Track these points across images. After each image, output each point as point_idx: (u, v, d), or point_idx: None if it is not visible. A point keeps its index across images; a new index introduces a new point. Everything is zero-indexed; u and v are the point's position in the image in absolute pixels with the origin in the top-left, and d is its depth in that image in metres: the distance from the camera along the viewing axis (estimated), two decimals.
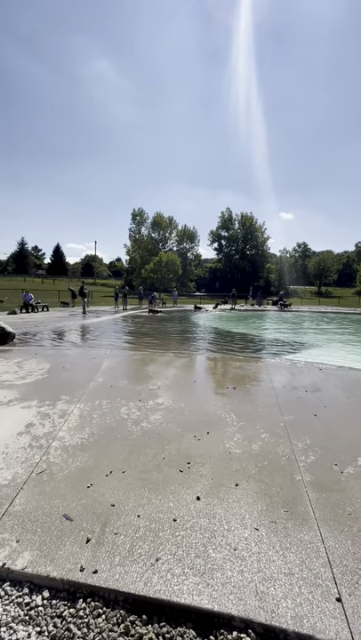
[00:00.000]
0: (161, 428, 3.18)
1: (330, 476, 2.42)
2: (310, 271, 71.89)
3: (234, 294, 30.37)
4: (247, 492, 2.20)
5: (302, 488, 2.25)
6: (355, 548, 1.72)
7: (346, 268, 74.67)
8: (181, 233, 63.07)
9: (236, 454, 2.71)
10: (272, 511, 2.01)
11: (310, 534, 1.82)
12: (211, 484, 2.27)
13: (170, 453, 2.70)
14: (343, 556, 1.66)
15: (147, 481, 2.28)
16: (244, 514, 1.97)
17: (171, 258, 49.75)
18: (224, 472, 2.43)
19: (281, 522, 1.91)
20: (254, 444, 2.91)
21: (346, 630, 1.29)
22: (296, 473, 2.45)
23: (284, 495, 2.17)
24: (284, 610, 1.37)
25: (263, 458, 2.67)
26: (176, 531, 1.81)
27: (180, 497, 2.11)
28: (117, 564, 1.59)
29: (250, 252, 66.95)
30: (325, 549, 1.70)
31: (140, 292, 29.84)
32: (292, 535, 1.80)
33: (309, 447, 2.87)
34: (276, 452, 2.78)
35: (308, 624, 1.31)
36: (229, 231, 68.14)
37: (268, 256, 70.07)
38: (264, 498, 2.14)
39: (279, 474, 2.43)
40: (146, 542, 1.71)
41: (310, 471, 2.48)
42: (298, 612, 1.36)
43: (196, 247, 64.69)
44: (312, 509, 2.03)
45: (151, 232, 60.97)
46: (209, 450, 2.77)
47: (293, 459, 2.66)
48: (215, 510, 1.99)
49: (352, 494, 2.20)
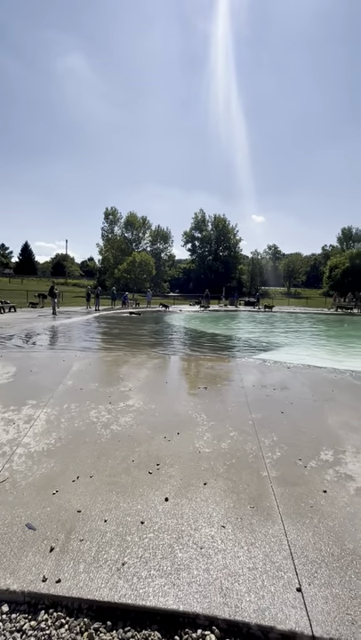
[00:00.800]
0: (131, 431, 3.15)
1: (294, 470, 2.51)
2: (281, 272, 74.29)
3: (207, 295, 30.75)
4: (215, 490, 2.23)
5: (268, 484, 2.32)
6: (315, 538, 1.80)
7: (313, 269, 77.86)
8: (155, 233, 62.82)
9: (205, 453, 2.74)
10: (239, 508, 2.05)
11: (274, 528, 1.88)
12: (179, 485, 2.28)
13: (139, 455, 2.68)
14: (304, 548, 1.73)
15: (115, 484, 2.25)
16: (212, 512, 2.00)
17: (144, 258, 49.36)
18: (193, 472, 2.45)
19: (247, 518, 1.96)
20: (223, 442, 2.96)
21: (305, 618, 1.35)
22: (263, 469, 2.52)
23: (251, 491, 2.23)
24: (247, 604, 1.40)
25: (232, 456, 2.72)
26: (143, 533, 1.80)
27: (148, 499, 2.10)
28: (82, 571, 1.55)
29: (223, 254, 68.00)
30: (288, 542, 1.76)
31: (113, 293, 29.39)
32: (257, 530, 1.85)
33: (276, 444, 2.97)
34: (245, 449, 2.85)
35: (269, 616, 1.35)
36: (203, 232, 68.83)
37: (240, 257, 71.54)
38: (231, 495, 2.18)
39: (247, 471, 2.49)
40: (112, 547, 1.69)
41: (276, 467, 2.56)
42: (260, 605, 1.40)
43: (169, 248, 64.71)
44: (277, 504, 2.09)
45: (124, 232, 60.24)
46: (179, 450, 2.78)
47: (261, 455, 2.74)
48: (183, 510, 2.00)
49: (314, 487, 2.29)
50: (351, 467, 2.60)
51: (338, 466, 2.61)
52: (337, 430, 3.30)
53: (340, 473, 2.50)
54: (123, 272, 48.80)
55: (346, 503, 2.13)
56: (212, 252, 68.23)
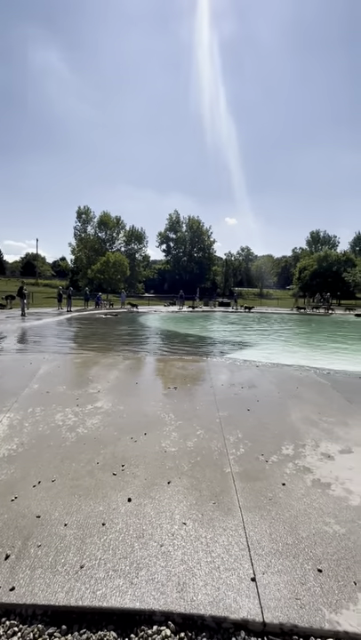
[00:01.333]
0: (97, 433, 3.12)
1: (256, 466, 2.60)
2: (253, 274, 76.18)
3: (182, 296, 30.91)
4: (179, 488, 2.26)
5: (230, 480, 2.38)
6: (271, 529, 1.88)
7: (284, 271, 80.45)
8: (129, 233, 62.27)
9: (171, 453, 2.77)
10: (201, 504, 2.09)
11: (234, 522, 1.93)
12: (143, 484, 2.28)
13: (105, 457, 2.66)
14: (260, 539, 1.79)
15: (78, 488, 2.22)
16: (174, 510, 2.02)
17: (118, 258, 48.76)
18: (158, 471, 2.47)
19: (208, 514, 2.00)
20: (190, 441, 3.00)
21: (257, 606, 1.40)
22: (226, 466, 2.58)
23: (214, 488, 2.28)
24: (203, 597, 1.44)
25: (197, 454, 2.77)
26: (104, 535, 1.79)
27: (111, 500, 2.09)
28: (38, 577, 1.52)
29: (197, 255, 68.70)
30: (246, 534, 1.83)
31: (87, 294, 28.79)
32: (217, 525, 1.90)
33: (240, 440, 3.05)
34: (210, 447, 2.90)
35: (223, 606, 1.40)
36: (177, 233, 69.19)
37: (214, 259, 72.61)
38: (194, 492, 2.22)
39: (210, 468, 2.54)
40: (71, 551, 1.67)
41: (239, 463, 2.63)
42: (215, 597, 1.44)
43: (144, 248, 64.42)
44: (237, 499, 2.16)
45: (98, 231, 59.22)
46: (145, 450, 2.79)
47: (225, 452, 2.80)
48: (145, 510, 2.01)
49: (273, 481, 2.38)
50: (310, 459, 2.72)
51: (297, 459, 2.72)
52: (299, 425, 3.44)
53: (298, 466, 2.61)
54: (96, 272, 47.95)
55: (302, 494, 2.24)
56: (186, 253, 68.72)
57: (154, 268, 71.68)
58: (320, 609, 1.40)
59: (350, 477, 2.46)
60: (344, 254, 53.66)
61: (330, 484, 2.36)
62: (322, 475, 2.49)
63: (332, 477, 2.46)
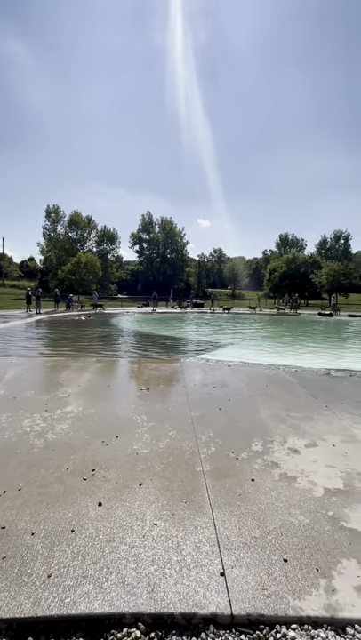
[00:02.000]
0: (67, 438, 3.05)
1: (226, 463, 2.65)
2: (225, 275, 77.52)
3: (155, 297, 30.82)
4: (150, 489, 2.26)
5: (202, 478, 2.42)
6: (240, 524, 1.93)
7: (255, 272, 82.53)
8: (101, 234, 61.12)
9: (143, 454, 2.76)
10: (172, 504, 2.11)
11: (204, 520, 1.97)
12: (115, 488, 2.26)
13: (75, 463, 2.60)
14: (230, 534, 1.84)
15: (46, 495, 2.16)
16: (146, 511, 2.02)
17: (90, 259, 47.63)
18: (129, 474, 2.46)
19: (179, 513, 2.02)
20: (162, 442, 3.01)
21: (226, 600, 1.44)
22: (197, 465, 2.62)
23: (185, 487, 2.30)
24: (173, 595, 1.45)
25: (169, 454, 2.78)
26: (73, 541, 1.76)
27: (80, 506, 2.06)
28: (2, 590, 1.47)
29: (170, 256, 68.78)
30: (216, 531, 1.87)
31: (57, 295, 27.93)
32: (188, 524, 1.92)
33: (212, 439, 3.10)
34: (182, 447, 2.93)
35: (193, 603, 1.42)
36: (150, 234, 68.91)
37: (187, 260, 73.05)
38: (166, 493, 2.23)
39: (182, 468, 2.57)
40: (38, 561, 1.62)
41: (210, 461, 2.68)
42: (185, 594, 1.46)
43: (117, 249, 63.47)
44: (208, 496, 2.20)
45: (68, 231, 57.58)
46: (116, 453, 2.76)
47: (197, 452, 2.84)
48: (116, 513, 1.99)
49: (243, 477, 2.45)
50: (277, 455, 2.82)
51: (266, 455, 2.82)
52: (268, 422, 3.56)
53: (267, 461, 2.70)
54: (67, 273, 46.61)
55: (270, 488, 2.32)
56: (159, 254, 68.63)
57: (127, 269, 70.89)
58: (285, 597, 1.47)
59: (315, 470, 2.58)
60: (311, 257, 56.04)
61: (296, 478, 2.47)
62: (289, 469, 2.60)
63: (298, 471, 2.57)
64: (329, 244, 67.10)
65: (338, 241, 66.06)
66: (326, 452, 2.90)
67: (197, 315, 27.07)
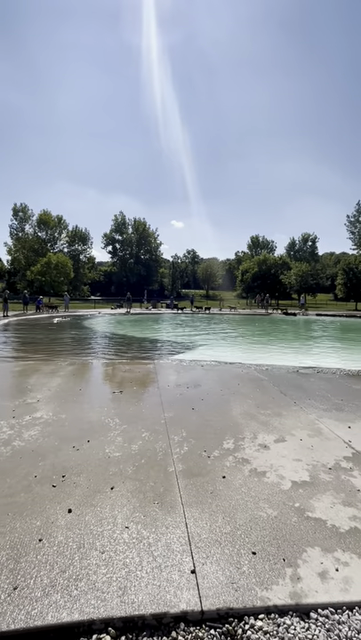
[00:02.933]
0: (36, 445, 2.95)
1: (199, 462, 2.69)
2: (199, 276, 78.32)
3: (129, 298, 30.52)
4: (122, 492, 2.24)
5: (174, 478, 2.43)
6: (211, 521, 1.96)
7: (229, 273, 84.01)
8: (73, 234, 59.64)
9: (115, 458, 2.73)
10: (144, 506, 2.10)
11: (177, 519, 1.98)
12: (85, 493, 2.22)
13: (43, 470, 2.52)
14: (201, 532, 1.87)
15: (11, 505, 2.08)
16: (117, 515, 2.00)
17: (61, 260, 46.25)
18: (101, 478, 2.42)
19: (151, 514, 2.02)
20: (134, 444, 2.99)
21: (196, 597, 1.46)
22: (170, 465, 2.63)
23: (157, 488, 2.31)
24: (144, 596, 1.45)
25: (142, 456, 2.77)
26: (41, 551, 1.70)
27: (49, 514, 2.00)
28: None
29: (144, 257, 68.43)
30: (187, 530, 1.88)
31: (26, 297, 26.87)
32: (160, 524, 1.93)
33: (185, 439, 3.12)
34: (155, 448, 2.92)
35: (163, 602, 1.43)
36: (123, 235, 68.20)
37: (161, 261, 73.02)
38: (138, 495, 2.22)
39: (155, 469, 2.57)
40: (3, 574, 1.56)
41: (183, 461, 2.70)
42: (156, 595, 1.46)
43: (89, 249, 62.22)
44: (180, 496, 2.21)
45: (37, 231, 55.66)
46: (87, 458, 2.71)
47: (169, 452, 2.85)
48: (87, 519, 1.96)
49: (215, 475, 2.49)
50: (248, 451, 2.90)
51: (237, 452, 2.88)
52: (240, 420, 3.64)
53: (238, 458, 2.76)
54: (36, 274, 45.03)
55: (241, 484, 2.37)
56: (133, 255, 68.07)
57: (100, 270, 69.70)
58: (253, 588, 1.51)
59: (283, 464, 2.68)
60: (281, 258, 57.86)
61: (265, 473, 2.54)
62: (259, 464, 2.67)
63: (268, 466, 2.65)
64: (297, 245, 69.67)
65: (306, 243, 68.76)
66: (294, 446, 3.02)
67: (171, 315, 27.11)
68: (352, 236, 63.47)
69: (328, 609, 1.44)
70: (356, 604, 1.46)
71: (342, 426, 3.51)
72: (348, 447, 3.02)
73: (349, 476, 2.53)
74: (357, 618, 1.41)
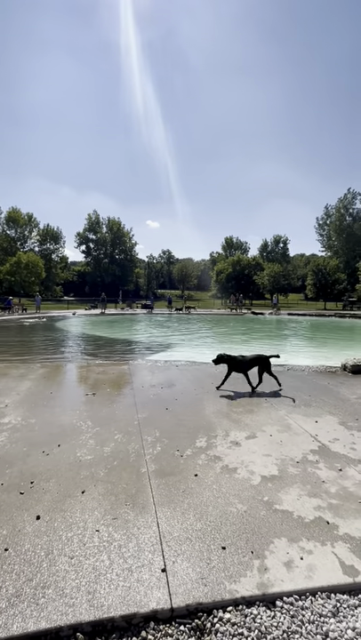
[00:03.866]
0: (3, 451, 2.84)
1: (171, 461, 2.70)
2: (175, 277, 78.53)
3: (103, 298, 30.02)
4: (93, 496, 2.21)
5: (146, 479, 2.43)
6: (183, 519, 1.98)
7: (203, 274, 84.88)
8: (44, 232, 57.79)
9: (86, 461, 2.69)
10: (116, 508, 2.09)
11: (148, 520, 1.98)
12: (55, 499, 2.17)
13: (11, 477, 2.44)
14: (172, 530, 1.88)
15: None
16: (87, 519, 1.97)
17: (32, 259, 44.63)
18: (71, 482, 2.37)
19: (123, 516, 2.01)
20: (107, 446, 2.96)
21: (166, 595, 1.47)
22: (143, 466, 2.62)
23: (129, 490, 2.30)
24: (114, 599, 1.45)
25: (114, 458, 2.74)
26: (7, 560, 1.65)
27: (16, 522, 1.94)
28: None
29: (119, 257, 67.57)
30: (159, 529, 1.89)
31: None
32: (131, 525, 1.92)
33: (158, 439, 3.13)
34: (127, 449, 2.91)
35: (133, 603, 1.43)
36: (97, 234, 67.00)
37: (136, 261, 72.41)
38: (110, 497, 2.20)
39: (127, 470, 2.55)
40: None
41: (155, 461, 2.70)
42: (126, 596, 1.46)
43: (61, 249, 60.54)
44: (152, 496, 2.22)
45: (6, 229, 53.46)
46: (58, 463, 2.65)
47: (142, 453, 2.84)
48: (56, 525, 1.92)
49: (187, 473, 2.52)
50: (220, 449, 2.95)
51: (209, 450, 2.92)
52: (213, 419, 3.69)
53: (210, 456, 2.81)
54: (5, 274, 43.20)
55: (212, 481, 2.41)
56: (107, 255, 67.03)
57: (73, 270, 68.03)
58: (222, 582, 1.55)
59: (253, 460, 2.75)
60: (254, 259, 59.27)
61: (236, 469, 2.60)
62: (230, 461, 2.73)
63: (239, 462, 2.71)
64: (270, 247, 71.56)
65: (277, 244, 70.77)
66: (264, 442, 3.11)
67: (145, 316, 26.97)
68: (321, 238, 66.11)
69: (293, 596, 1.50)
70: (319, 589, 1.54)
71: (310, 421, 3.65)
72: (314, 441, 3.15)
73: (315, 468, 2.65)
74: (319, 603, 1.48)
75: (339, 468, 2.66)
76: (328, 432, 3.35)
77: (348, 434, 3.33)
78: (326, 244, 65.61)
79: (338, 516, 2.05)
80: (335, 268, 48.44)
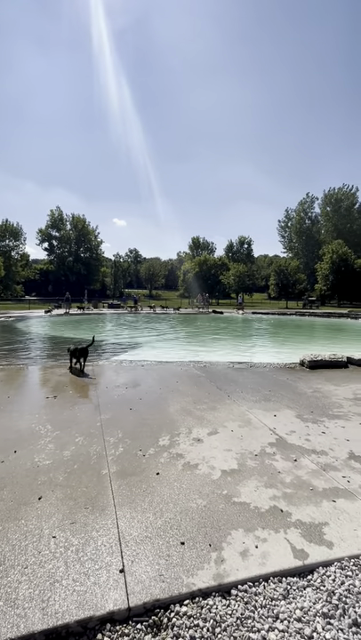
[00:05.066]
0: None
1: (133, 462, 2.69)
2: (142, 276, 77.93)
3: (68, 298, 29.03)
4: (51, 502, 2.14)
5: (107, 481, 2.40)
6: (143, 518, 1.98)
7: (171, 273, 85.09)
8: (2, 228, 54.67)
9: (44, 466, 2.59)
10: (75, 512, 2.04)
11: (108, 521, 1.96)
12: (9, 507, 2.07)
13: None
14: (132, 530, 1.88)
15: None
16: (43, 526, 1.91)
17: None
18: (28, 489, 2.28)
19: (82, 520, 1.97)
20: (67, 450, 2.88)
21: (123, 595, 1.47)
22: (104, 468, 2.58)
23: (90, 492, 2.25)
24: (69, 605, 1.42)
25: (74, 462, 2.68)
26: None
27: None
28: None
29: (84, 255, 65.68)
30: (118, 530, 1.88)
31: None
32: (90, 528, 1.89)
33: (121, 440, 3.10)
34: (89, 452, 2.85)
35: (90, 607, 1.41)
36: (61, 231, 64.62)
37: (102, 260, 70.81)
38: (69, 502, 2.15)
39: (87, 473, 2.50)
40: None
41: (117, 462, 2.67)
42: (82, 601, 1.43)
43: (22, 246, 57.62)
44: (113, 498, 2.19)
45: None
46: (13, 470, 2.53)
47: (104, 455, 2.80)
48: (9, 535, 1.83)
49: (149, 472, 2.52)
50: (182, 446, 2.99)
51: (172, 448, 2.95)
52: (176, 417, 3.72)
53: (172, 454, 2.83)
54: None
55: (174, 479, 2.44)
56: (72, 253, 64.89)
57: (35, 269, 65.00)
58: (180, 577, 1.57)
59: (214, 455, 2.82)
60: (220, 259, 60.44)
61: (197, 465, 2.65)
62: (192, 458, 2.77)
63: (200, 458, 2.76)
64: (235, 247, 73.34)
65: (242, 245, 72.71)
66: (226, 437, 3.19)
67: (115, 315, 26.50)
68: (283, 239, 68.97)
69: (247, 584, 1.56)
70: (272, 574, 1.62)
71: (269, 415, 3.81)
72: (272, 434, 3.29)
73: (272, 460, 2.77)
74: (271, 587, 1.55)
75: (294, 458, 2.80)
76: (285, 425, 3.52)
77: (303, 426, 3.51)
78: (288, 245, 68.61)
79: (291, 504, 2.17)
80: (296, 268, 50.78)
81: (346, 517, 2.05)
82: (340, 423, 3.61)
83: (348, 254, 45.80)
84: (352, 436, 3.26)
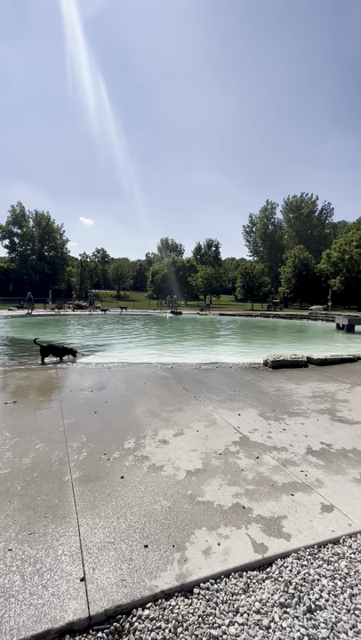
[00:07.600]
0: None
1: (97, 466, 2.63)
2: (110, 276, 76.54)
3: (30, 298, 27.74)
4: (7, 513, 2.04)
5: (69, 487, 2.33)
6: (106, 523, 1.95)
7: (139, 274, 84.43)
8: None
9: (1, 476, 2.46)
10: (33, 523, 1.95)
11: (69, 529, 1.90)
12: None
13: None
14: (94, 537, 1.83)
15: None
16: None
17: None
18: None
19: (41, 530, 1.89)
20: (26, 457, 2.75)
21: (84, 604, 1.43)
22: (66, 474, 2.50)
23: (50, 501, 2.17)
24: (25, 619, 1.35)
25: (34, 469, 2.56)
26: None
27: None
28: None
29: (49, 254, 63.18)
30: (80, 537, 1.83)
31: None
32: (50, 538, 1.82)
33: (84, 445, 3.01)
34: (50, 458, 2.74)
35: (48, 619, 1.36)
36: (23, 229, 61.70)
37: (68, 259, 68.56)
38: (27, 512, 2.05)
39: (48, 481, 2.41)
40: None
41: (80, 468, 2.60)
42: (39, 615, 1.38)
43: None
44: (75, 504, 2.13)
45: None
46: None
47: (66, 460, 2.71)
48: None
49: (113, 477, 2.48)
50: (148, 448, 2.97)
51: (137, 450, 2.92)
52: (142, 419, 3.70)
53: (138, 456, 2.81)
54: None
55: (139, 482, 2.42)
56: (35, 252, 62.15)
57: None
58: (142, 580, 1.56)
59: (180, 456, 2.83)
60: (188, 261, 61.01)
61: (163, 466, 2.65)
62: (157, 459, 2.77)
63: (166, 459, 2.77)
64: (203, 250, 74.48)
65: (210, 248, 73.99)
66: (191, 438, 3.22)
67: (78, 317, 25.75)
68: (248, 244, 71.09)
69: (209, 581, 1.59)
70: (233, 570, 1.66)
71: (234, 414, 3.91)
72: (236, 433, 3.38)
73: (236, 458, 2.84)
74: (232, 582, 1.59)
75: (256, 455, 2.89)
76: (249, 423, 3.62)
77: (265, 424, 3.64)
78: (253, 249, 70.84)
79: (253, 500, 2.24)
80: (261, 271, 52.58)
81: (303, 510, 2.15)
82: (300, 420, 3.78)
83: (309, 259, 48.29)
84: (310, 432, 3.44)
